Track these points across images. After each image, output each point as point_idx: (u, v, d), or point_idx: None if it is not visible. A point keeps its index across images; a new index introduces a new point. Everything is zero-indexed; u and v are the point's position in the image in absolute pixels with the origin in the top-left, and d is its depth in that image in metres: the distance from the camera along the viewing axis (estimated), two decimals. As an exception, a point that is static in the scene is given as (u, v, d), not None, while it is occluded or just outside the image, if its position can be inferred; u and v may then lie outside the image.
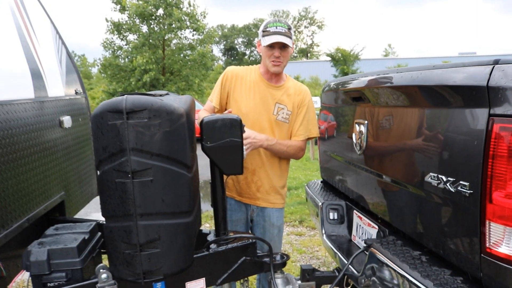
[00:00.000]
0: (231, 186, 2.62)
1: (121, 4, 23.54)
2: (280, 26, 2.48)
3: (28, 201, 2.26)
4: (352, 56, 30.84)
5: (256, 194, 2.63)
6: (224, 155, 2.00)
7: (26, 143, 2.25)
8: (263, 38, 2.50)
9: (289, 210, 6.35)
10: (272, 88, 2.61)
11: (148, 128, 1.64)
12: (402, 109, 1.76)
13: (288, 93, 2.63)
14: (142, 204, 1.68)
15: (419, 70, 1.56)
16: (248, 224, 2.71)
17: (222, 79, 2.62)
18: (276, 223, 2.74)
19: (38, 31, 2.85)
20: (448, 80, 1.45)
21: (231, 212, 2.63)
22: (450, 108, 1.47)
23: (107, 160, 1.69)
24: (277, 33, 2.45)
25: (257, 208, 2.67)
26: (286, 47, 2.50)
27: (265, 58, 2.54)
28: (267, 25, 2.51)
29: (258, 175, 2.61)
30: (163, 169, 1.69)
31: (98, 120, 1.67)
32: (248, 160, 2.57)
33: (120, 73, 24.01)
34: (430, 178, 1.51)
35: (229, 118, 1.98)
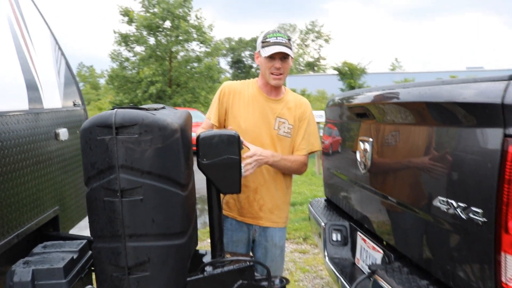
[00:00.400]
0: (232, 205, 2.51)
1: (128, 16, 23.74)
2: (280, 37, 2.39)
3: (18, 216, 2.17)
4: (359, 70, 30.73)
5: (258, 213, 2.52)
6: (221, 172, 1.90)
7: (18, 156, 2.17)
8: (262, 49, 2.41)
9: (293, 226, 6.22)
10: (271, 102, 2.51)
11: (138, 144, 1.55)
12: (409, 127, 1.66)
13: (288, 106, 2.53)
14: (131, 224, 1.58)
15: (427, 85, 1.46)
16: (250, 244, 2.59)
17: (219, 95, 2.52)
18: (278, 243, 2.62)
19: (36, 42, 2.79)
20: (458, 96, 1.35)
21: (232, 232, 2.51)
22: (460, 127, 1.37)
23: (95, 177, 1.60)
24: (278, 44, 2.36)
25: (259, 228, 2.55)
26: (287, 58, 2.41)
27: (264, 70, 2.45)
28: (267, 35, 2.43)
29: (261, 193, 2.50)
30: (154, 188, 1.60)
31: (86, 134, 1.58)
32: (250, 178, 2.46)
33: (127, 85, 24.11)
34: (438, 203, 1.40)
35: (226, 134, 1.89)
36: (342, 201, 2.64)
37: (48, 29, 3.16)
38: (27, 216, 2.26)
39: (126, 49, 24.94)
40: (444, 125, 1.44)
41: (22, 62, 2.46)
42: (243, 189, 2.46)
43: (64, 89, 3.02)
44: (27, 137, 2.30)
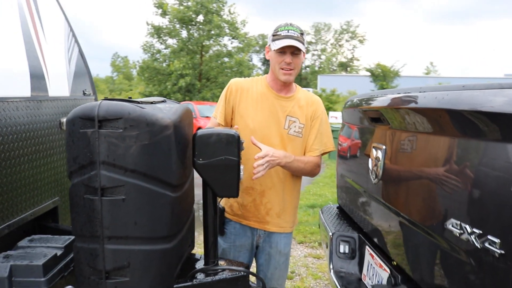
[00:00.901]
0: (236, 209, 2.36)
1: (162, 9, 23.91)
2: (292, 30, 2.23)
3: (10, 206, 2.09)
4: (392, 73, 30.15)
5: (265, 217, 2.36)
6: (218, 174, 1.76)
7: (14, 144, 2.10)
8: (273, 43, 2.26)
9: (310, 229, 6.03)
10: (282, 100, 2.35)
11: (123, 139, 1.43)
12: (425, 136, 1.48)
13: (299, 104, 2.37)
14: (110, 225, 1.46)
15: (445, 90, 1.27)
16: (253, 250, 2.44)
17: (226, 92, 2.37)
18: (283, 251, 2.46)
19: (48, 29, 2.72)
20: (482, 104, 1.16)
21: (235, 237, 2.37)
22: (483, 139, 1.18)
23: (77, 172, 1.49)
24: (289, 37, 2.20)
25: (264, 233, 2.40)
26: (298, 53, 2.25)
27: (274, 65, 2.30)
28: (278, 28, 2.27)
29: (268, 197, 2.35)
30: (138, 188, 1.48)
31: (70, 126, 1.47)
32: (257, 180, 2.31)
33: (157, 76, 24.33)
34: (451, 225, 1.22)
35: (225, 133, 1.74)
36: (353, 211, 2.46)
37: (63, 16, 3.10)
38: (21, 206, 2.19)
39: (158, 41, 25.15)
40: (463, 136, 1.26)
41: (28, 48, 2.38)
42: (250, 192, 2.32)
43: (74, 77, 2.95)
44: (26, 125, 2.22)
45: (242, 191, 2.31)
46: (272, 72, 2.35)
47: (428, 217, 1.42)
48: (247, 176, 2.30)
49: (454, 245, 1.23)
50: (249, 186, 2.31)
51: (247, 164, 2.18)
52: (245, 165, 2.25)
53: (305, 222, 6.43)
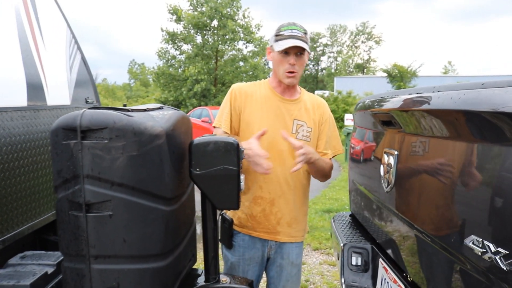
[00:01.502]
0: (245, 221, 2.23)
1: (177, 15, 24.03)
2: (296, 30, 2.11)
3: (5, 220, 2.01)
4: (409, 73, 29.68)
5: (276, 227, 2.24)
6: (216, 185, 1.64)
7: (9, 155, 2.02)
8: (275, 43, 2.14)
9: (326, 235, 5.86)
10: (287, 103, 2.23)
11: (108, 151, 1.32)
12: (440, 140, 1.33)
13: (306, 107, 2.26)
14: (97, 244, 1.35)
15: (461, 89, 1.13)
16: (263, 263, 2.31)
17: (230, 98, 2.23)
18: (295, 261, 2.34)
19: (48, 36, 2.65)
20: (506, 103, 1.01)
21: (244, 250, 2.24)
22: (506, 145, 1.03)
23: (61, 186, 1.39)
24: (293, 37, 2.08)
25: (275, 244, 2.27)
26: (302, 53, 2.13)
27: (277, 67, 2.18)
28: (280, 28, 2.15)
29: (278, 205, 2.22)
30: (126, 202, 1.36)
31: (53, 138, 1.37)
32: (266, 189, 2.19)
33: (173, 82, 24.43)
34: (471, 243, 1.07)
35: (223, 141, 1.62)
36: (366, 219, 2.32)
37: (65, 23, 3.03)
38: (17, 220, 2.10)
39: (173, 47, 25.27)
40: (483, 141, 1.11)
41: (25, 56, 2.31)
42: (259, 202, 2.20)
43: (76, 85, 2.88)
44: (22, 135, 2.14)
45: (251, 202, 2.19)
46: (275, 74, 2.23)
47: (445, 231, 1.27)
48: (256, 185, 2.18)
49: (475, 264, 1.08)
50: (258, 196, 2.19)
51: (255, 173, 2.08)
52: (252, 174, 2.14)
53: (320, 227, 6.27)
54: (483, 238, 1.04)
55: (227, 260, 2.23)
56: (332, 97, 23.76)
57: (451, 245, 1.21)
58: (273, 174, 2.15)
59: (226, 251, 2.24)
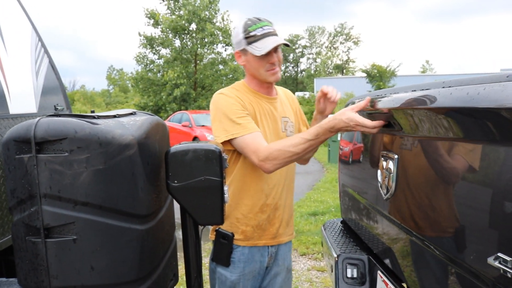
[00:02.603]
0: (250, 233, 2.02)
1: (154, 19, 23.72)
2: (266, 26, 1.95)
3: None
4: (388, 73, 29.96)
5: (279, 230, 2.10)
6: (197, 198, 1.47)
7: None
8: (250, 47, 1.94)
9: (313, 239, 5.72)
10: (273, 102, 2.10)
11: (69, 165, 1.13)
12: (447, 143, 1.18)
13: (283, 102, 2.18)
14: (59, 274, 1.16)
15: (468, 84, 0.98)
16: (260, 275, 2.11)
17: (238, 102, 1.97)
18: (289, 266, 2.23)
19: (9, 40, 2.43)
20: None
21: (244, 264, 2.02)
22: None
23: (16, 208, 1.19)
24: (267, 35, 1.92)
25: (274, 252, 2.12)
26: (278, 47, 1.98)
27: (257, 70, 1.99)
28: (248, 28, 1.95)
29: (280, 208, 2.09)
30: (93, 224, 1.18)
31: (5, 151, 1.18)
32: (271, 195, 2.04)
33: (152, 87, 24.07)
34: (498, 262, 0.92)
35: (203, 148, 1.45)
36: (360, 228, 2.16)
37: (30, 26, 2.81)
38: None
39: (151, 52, 24.93)
40: (497, 143, 0.96)
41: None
42: (264, 209, 2.03)
43: (43, 92, 2.66)
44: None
45: (257, 212, 2.01)
46: (254, 77, 2.05)
47: (457, 246, 1.12)
48: (261, 194, 2.01)
49: (498, 284, 0.93)
50: (264, 204, 2.03)
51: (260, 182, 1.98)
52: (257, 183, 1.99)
53: (307, 231, 6.12)
54: (508, 254, 0.88)
55: (225, 280, 2.01)
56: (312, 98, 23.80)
57: (469, 263, 1.06)
58: (276, 178, 2.04)
59: (223, 270, 2.01)
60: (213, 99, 2.01)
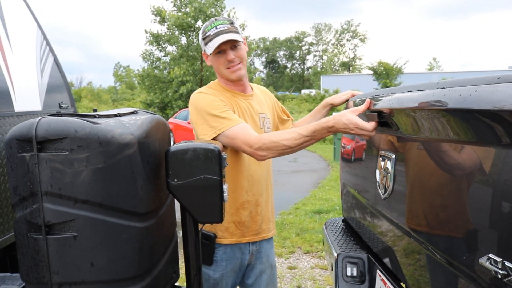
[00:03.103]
0: (234, 229, 2.06)
1: (160, 16, 23.75)
2: (220, 24, 1.97)
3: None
4: (395, 70, 29.82)
5: (261, 226, 2.14)
6: (197, 197, 1.49)
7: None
8: (206, 47, 1.99)
9: (317, 237, 5.73)
10: (249, 99, 2.14)
11: (70, 164, 1.16)
12: (445, 144, 1.19)
13: (260, 98, 2.23)
14: (60, 269, 1.19)
15: (474, 84, 0.98)
16: (241, 271, 2.16)
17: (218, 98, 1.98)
18: (273, 262, 2.28)
19: (15, 38, 2.47)
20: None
21: (226, 262, 2.07)
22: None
23: (18, 205, 1.22)
24: (219, 33, 1.94)
25: (256, 249, 2.16)
26: (238, 44, 1.99)
27: (219, 69, 2.04)
28: (205, 30, 2.00)
29: (261, 204, 2.13)
30: (93, 222, 1.20)
31: (7, 150, 1.20)
32: (250, 191, 2.06)
33: (158, 84, 24.13)
34: (488, 262, 0.93)
35: (203, 147, 1.47)
36: (360, 227, 2.18)
37: (35, 24, 2.85)
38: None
39: (157, 49, 24.98)
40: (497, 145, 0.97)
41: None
42: (245, 206, 2.06)
43: (48, 89, 2.69)
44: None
45: (238, 208, 2.05)
46: (221, 76, 2.09)
47: (452, 246, 1.13)
48: (241, 190, 2.04)
49: (492, 286, 0.94)
50: (245, 200, 2.06)
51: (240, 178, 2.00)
52: (237, 180, 2.01)
53: (311, 229, 6.13)
54: (503, 257, 0.90)
55: (208, 278, 2.06)
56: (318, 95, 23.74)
57: (462, 262, 1.07)
58: (257, 175, 2.09)
59: (206, 269, 2.05)
60: (192, 99, 2.01)
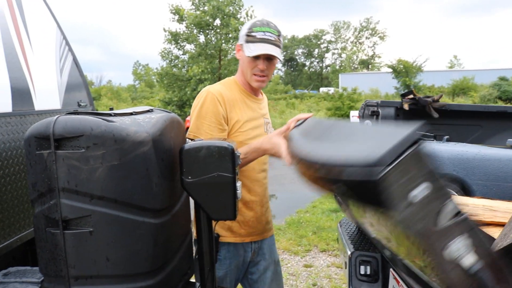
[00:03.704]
0: (237, 228, 2.09)
1: (179, 14, 23.93)
2: (269, 32, 1.97)
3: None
4: (415, 68, 29.42)
5: (265, 226, 2.19)
6: (210, 194, 1.51)
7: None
8: (246, 45, 1.99)
9: (333, 236, 5.72)
10: (258, 103, 2.18)
11: (86, 161, 1.19)
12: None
13: (265, 104, 2.27)
14: (77, 263, 1.23)
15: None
16: (243, 268, 2.19)
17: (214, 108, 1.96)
18: (276, 259, 2.31)
19: (35, 38, 2.53)
20: None
21: (230, 260, 2.10)
22: None
23: (37, 201, 1.26)
24: (265, 41, 1.95)
25: (257, 247, 2.19)
26: (273, 58, 2.01)
27: (246, 70, 2.04)
28: (253, 28, 1.99)
29: (265, 204, 2.19)
30: (108, 217, 1.24)
31: (26, 147, 1.25)
32: (253, 191, 2.12)
33: (177, 82, 24.33)
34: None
35: (217, 145, 1.49)
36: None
37: (55, 23, 2.91)
38: (3, 232, 1.98)
39: (176, 47, 25.19)
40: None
41: (10, 59, 2.19)
42: (250, 205, 2.10)
43: (67, 88, 2.75)
44: (8, 142, 2.03)
45: (241, 207, 2.08)
46: (242, 75, 2.11)
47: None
48: (243, 189, 2.06)
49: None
50: (248, 200, 2.10)
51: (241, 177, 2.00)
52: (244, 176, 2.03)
53: (327, 228, 6.13)
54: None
55: None
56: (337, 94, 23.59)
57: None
58: (260, 176, 2.13)
59: None
60: (201, 95, 2.02)
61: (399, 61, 30.00)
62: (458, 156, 1.97)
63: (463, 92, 29.68)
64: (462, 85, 30.64)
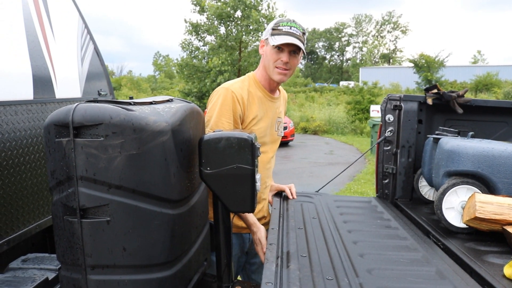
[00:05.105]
0: (236, 220, 2.09)
1: (200, 6, 23.92)
2: (295, 27, 2.00)
3: (10, 220, 1.91)
4: (437, 63, 28.83)
5: (260, 221, 2.21)
6: (229, 186, 1.49)
7: (13, 151, 1.91)
8: (271, 37, 2.00)
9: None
10: (274, 102, 2.19)
11: (104, 149, 1.18)
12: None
13: (281, 103, 2.27)
14: (93, 252, 1.22)
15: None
16: (243, 256, 2.25)
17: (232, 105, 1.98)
18: None
19: (58, 26, 2.54)
20: None
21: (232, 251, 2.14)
22: None
23: (55, 188, 1.25)
24: (290, 34, 1.97)
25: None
26: (297, 53, 2.03)
27: (269, 62, 2.05)
28: (279, 23, 2.03)
29: (262, 201, 2.24)
30: (126, 207, 1.22)
31: (46, 135, 1.24)
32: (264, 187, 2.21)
33: (196, 74, 24.35)
34: None
35: (236, 137, 1.47)
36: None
37: (77, 12, 2.92)
38: (23, 219, 2.00)
39: (196, 39, 25.20)
40: None
41: (32, 48, 2.20)
42: (259, 201, 2.19)
43: (88, 77, 2.76)
44: (29, 130, 2.04)
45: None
46: (264, 69, 2.10)
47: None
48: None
49: None
50: (259, 196, 2.18)
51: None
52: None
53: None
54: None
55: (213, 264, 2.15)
56: (357, 88, 23.30)
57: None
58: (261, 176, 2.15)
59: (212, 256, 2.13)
60: (219, 91, 2.03)
61: (421, 56, 29.41)
62: (484, 153, 1.90)
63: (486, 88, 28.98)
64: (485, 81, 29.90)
